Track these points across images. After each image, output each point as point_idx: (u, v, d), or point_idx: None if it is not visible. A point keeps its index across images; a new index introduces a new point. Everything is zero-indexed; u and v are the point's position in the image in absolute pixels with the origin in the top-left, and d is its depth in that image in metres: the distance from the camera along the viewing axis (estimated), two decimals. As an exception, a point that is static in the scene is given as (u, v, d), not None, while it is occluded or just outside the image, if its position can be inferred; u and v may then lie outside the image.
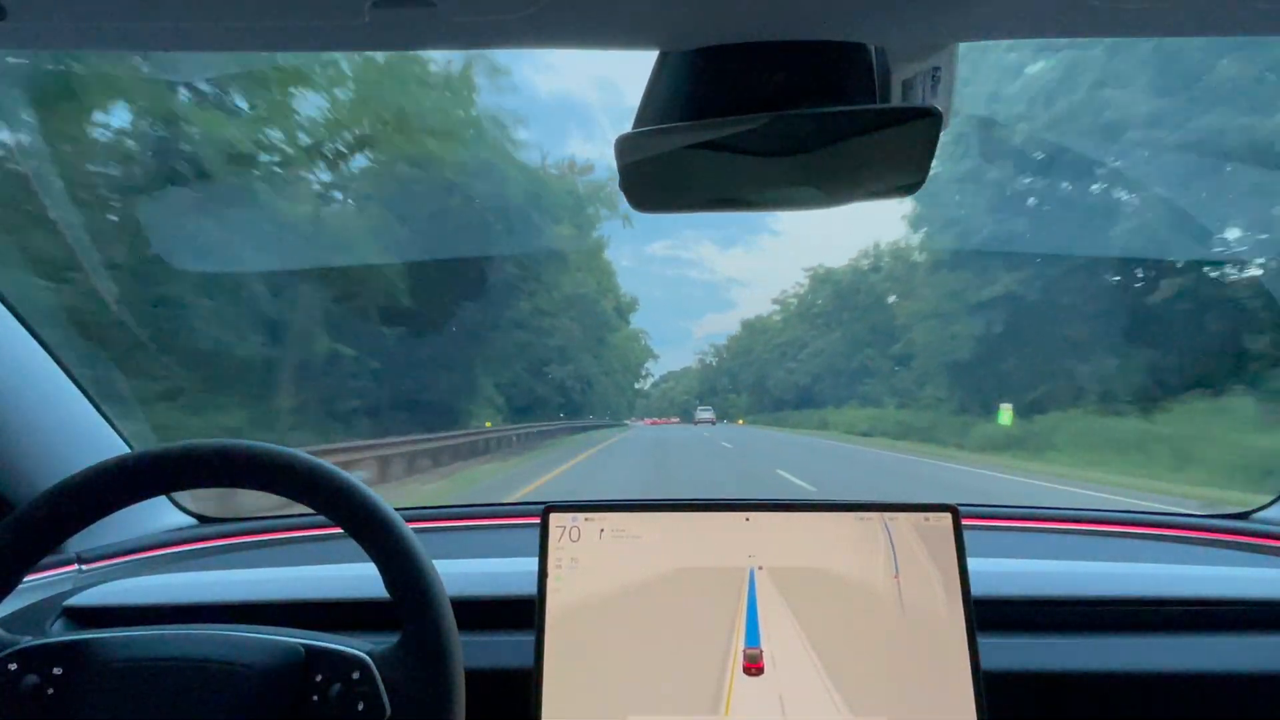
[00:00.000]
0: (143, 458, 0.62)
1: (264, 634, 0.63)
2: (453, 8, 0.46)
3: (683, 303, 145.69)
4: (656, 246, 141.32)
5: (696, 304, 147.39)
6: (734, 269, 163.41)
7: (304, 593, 0.88)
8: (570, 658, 0.71)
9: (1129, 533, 1.18)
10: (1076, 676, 0.81)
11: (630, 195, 0.58)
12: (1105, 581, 0.89)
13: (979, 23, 0.50)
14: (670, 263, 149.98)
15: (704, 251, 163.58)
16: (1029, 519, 1.21)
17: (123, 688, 0.59)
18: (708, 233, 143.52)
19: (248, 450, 0.63)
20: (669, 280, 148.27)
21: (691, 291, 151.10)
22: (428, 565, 0.62)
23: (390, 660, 0.61)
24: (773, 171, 0.56)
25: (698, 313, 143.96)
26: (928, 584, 0.73)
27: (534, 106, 63.79)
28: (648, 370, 56.59)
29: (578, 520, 0.76)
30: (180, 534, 1.16)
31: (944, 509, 0.75)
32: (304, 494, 0.63)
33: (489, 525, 1.22)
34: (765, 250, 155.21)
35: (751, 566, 0.74)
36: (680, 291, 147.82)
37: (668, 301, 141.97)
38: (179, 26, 0.49)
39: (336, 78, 8.69)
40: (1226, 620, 0.86)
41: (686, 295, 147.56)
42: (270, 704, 0.59)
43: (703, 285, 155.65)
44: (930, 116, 0.51)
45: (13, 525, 0.60)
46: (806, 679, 0.70)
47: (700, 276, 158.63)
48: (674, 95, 0.54)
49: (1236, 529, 1.15)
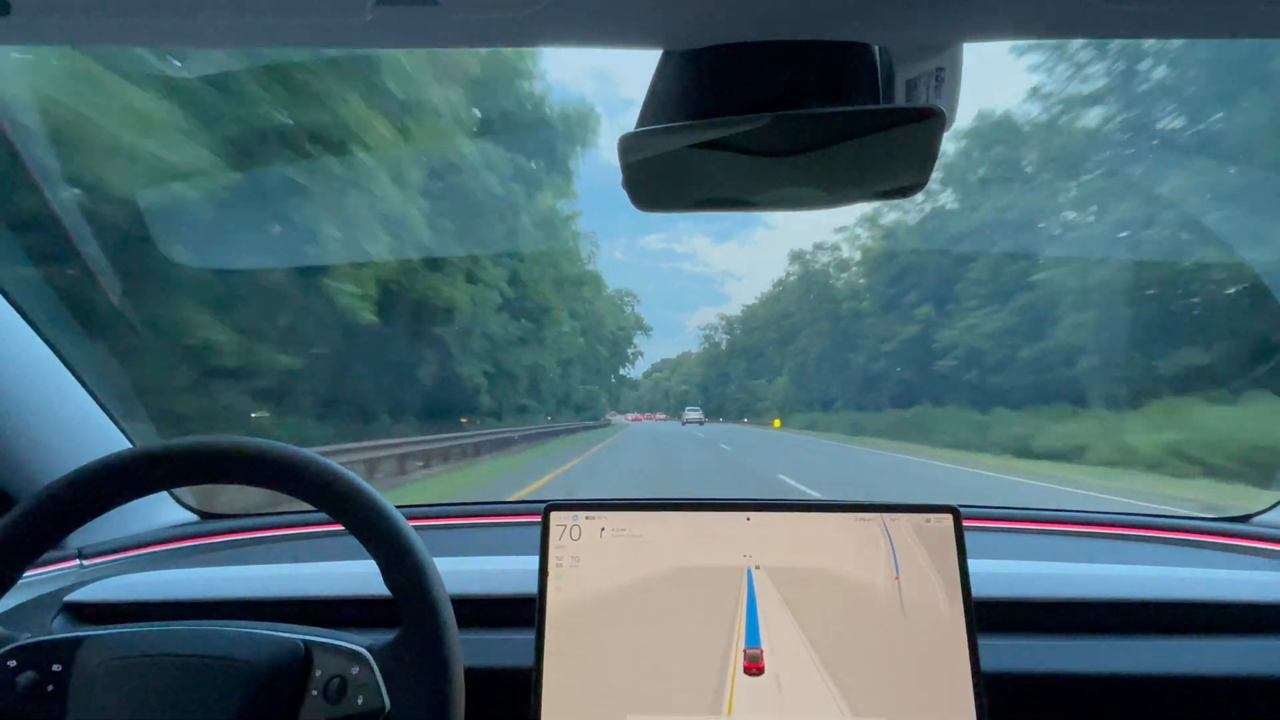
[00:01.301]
0: (144, 453, 0.62)
1: (263, 629, 0.63)
2: (456, 6, 0.46)
3: (677, 296, 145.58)
4: (650, 240, 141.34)
5: (690, 297, 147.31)
6: (728, 262, 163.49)
7: (305, 589, 0.88)
8: (570, 656, 0.71)
9: (1130, 535, 1.18)
10: (1077, 678, 0.81)
11: (633, 194, 0.58)
12: (1106, 584, 0.89)
13: (983, 23, 0.50)
14: (665, 256, 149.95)
15: (698, 245, 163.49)
16: (1030, 520, 1.21)
17: (121, 684, 0.59)
18: (702, 226, 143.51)
19: (248, 447, 0.63)
20: (663, 274, 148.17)
21: (685, 285, 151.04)
22: (427, 561, 0.62)
23: (389, 654, 0.61)
24: (776, 171, 0.56)
25: (691, 305, 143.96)
26: (928, 585, 0.72)
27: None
28: (636, 350, 44.27)
29: (578, 519, 0.76)
30: (182, 530, 1.17)
31: (945, 510, 0.75)
32: (304, 491, 0.63)
33: (489, 523, 1.23)
34: (760, 244, 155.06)
35: (750, 566, 0.74)
36: (674, 285, 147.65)
37: (661, 294, 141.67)
38: (182, 22, 0.49)
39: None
40: (1227, 623, 0.86)
41: (681, 289, 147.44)
42: (270, 699, 0.59)
43: (697, 278, 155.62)
44: (934, 117, 0.51)
45: (14, 520, 0.60)
46: (807, 680, 0.70)
47: (694, 269, 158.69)
48: (677, 94, 0.54)
49: (1237, 532, 1.15)
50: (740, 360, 46.63)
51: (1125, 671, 0.81)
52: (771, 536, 0.75)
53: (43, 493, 0.61)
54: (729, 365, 49.67)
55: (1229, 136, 11.25)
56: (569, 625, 0.72)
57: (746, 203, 0.60)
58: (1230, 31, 0.52)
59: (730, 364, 49.40)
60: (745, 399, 41.80)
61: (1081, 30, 0.52)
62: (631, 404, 59.29)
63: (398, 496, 6.30)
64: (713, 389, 50.66)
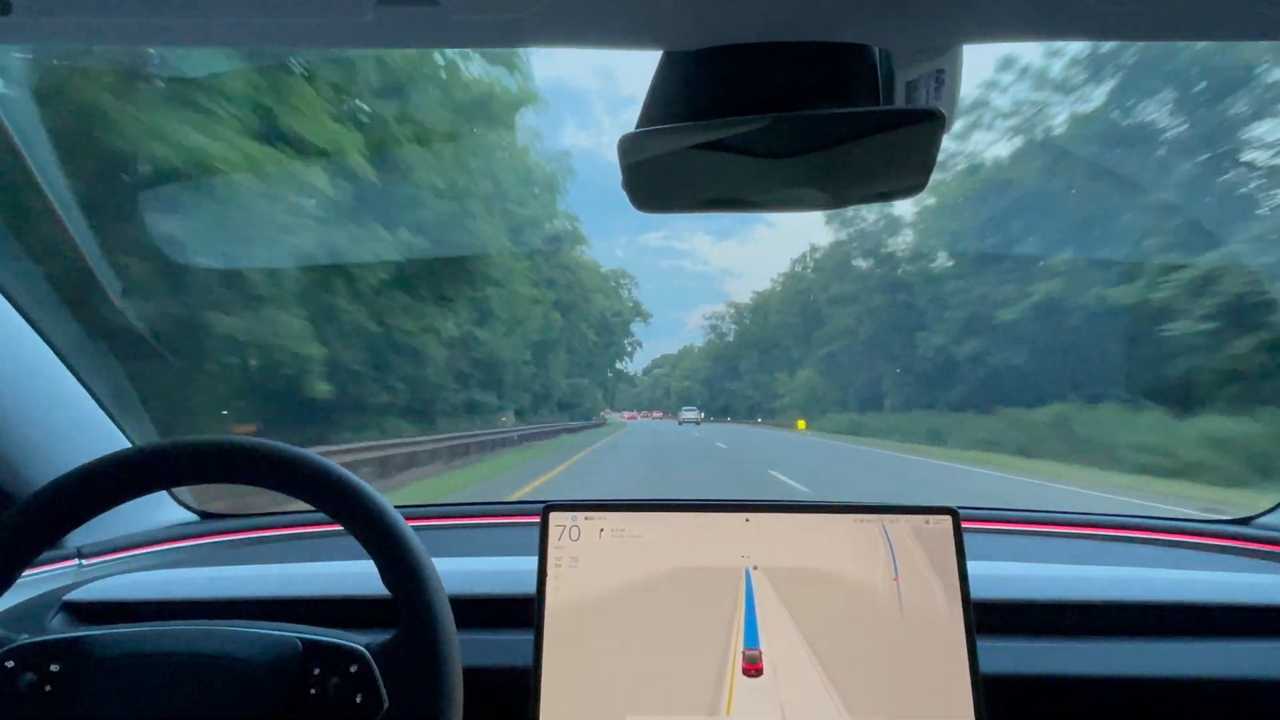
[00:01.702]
0: (144, 453, 0.62)
1: (261, 629, 0.63)
2: (457, 6, 0.46)
3: (677, 294, 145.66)
4: (651, 238, 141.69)
5: (690, 294, 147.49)
6: (728, 260, 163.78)
7: (304, 589, 0.88)
8: (569, 657, 0.71)
9: (1131, 537, 1.18)
10: (1076, 681, 0.81)
11: (633, 195, 0.58)
12: (1106, 585, 0.89)
13: (983, 25, 0.50)
14: (665, 254, 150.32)
15: (698, 243, 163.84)
16: (1029, 522, 1.21)
17: (120, 684, 0.59)
18: (702, 224, 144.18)
19: (248, 447, 0.63)
20: (663, 271, 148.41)
21: (685, 283, 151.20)
22: (425, 559, 0.62)
23: (388, 652, 0.61)
24: (776, 173, 0.56)
25: (691, 303, 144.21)
26: (927, 587, 0.72)
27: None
28: (635, 341, 38.69)
29: (577, 519, 0.76)
30: (181, 530, 1.17)
31: (944, 511, 0.75)
32: (303, 490, 0.63)
33: (488, 524, 1.23)
34: (760, 241, 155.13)
35: (749, 567, 0.74)
36: (674, 283, 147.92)
37: (661, 293, 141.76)
38: (183, 22, 0.49)
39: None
40: (1227, 625, 0.86)
41: (681, 287, 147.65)
42: (268, 698, 0.59)
43: (697, 276, 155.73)
44: (934, 118, 0.51)
45: (12, 519, 0.60)
46: (806, 681, 0.70)
47: (694, 268, 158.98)
48: (678, 95, 0.54)
49: (1238, 534, 1.15)
50: (752, 352, 40.32)
51: (1125, 674, 0.81)
52: (771, 537, 0.75)
53: (42, 491, 0.61)
54: (739, 358, 43.80)
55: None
56: (568, 626, 0.72)
57: (746, 204, 0.60)
58: (1229, 34, 0.52)
59: (740, 356, 43.62)
60: (758, 396, 36.16)
61: (1081, 32, 0.52)
62: (629, 401, 57.33)
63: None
64: (719, 385, 45.31)
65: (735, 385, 41.80)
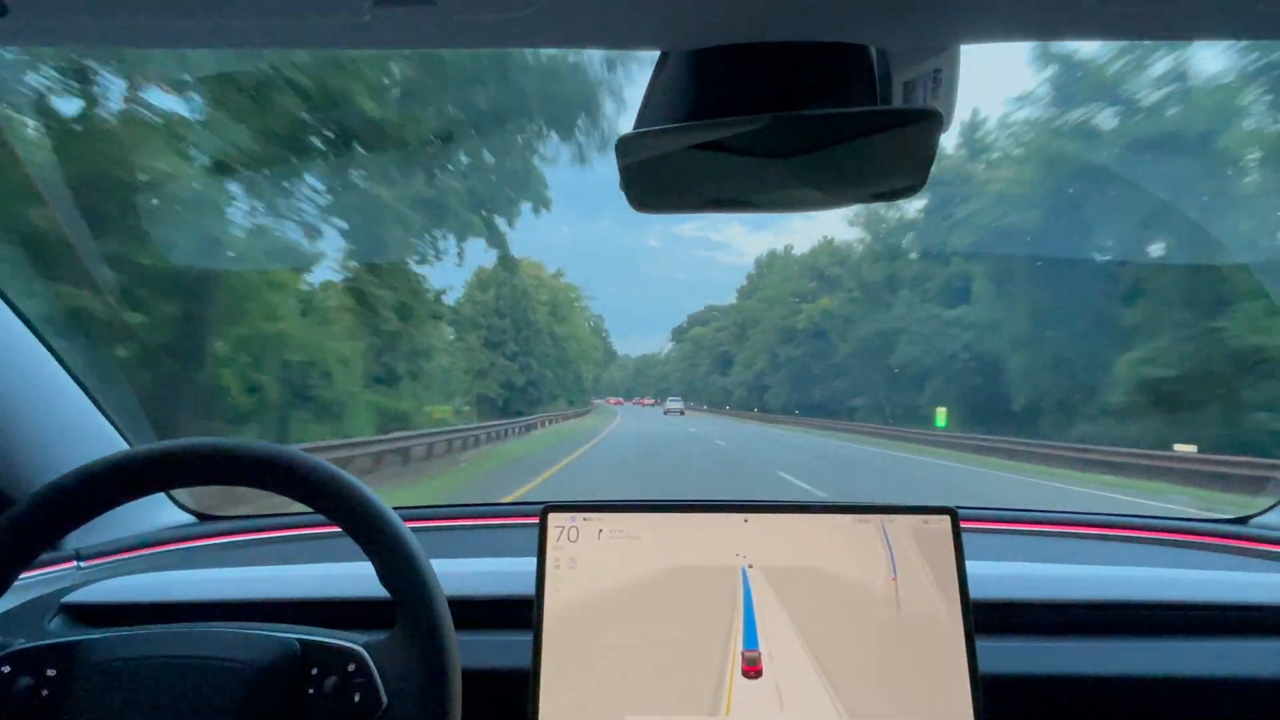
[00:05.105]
0: (141, 454, 0.62)
1: (259, 630, 0.63)
2: (454, 6, 0.46)
3: (706, 285, 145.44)
4: (686, 228, 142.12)
5: (719, 286, 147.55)
6: (763, 252, 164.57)
7: (302, 591, 0.88)
8: (568, 658, 0.71)
9: (1129, 537, 1.18)
10: (1075, 680, 0.81)
11: (631, 195, 0.58)
12: (1104, 585, 0.89)
13: (980, 25, 0.50)
14: (699, 244, 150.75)
15: (732, 234, 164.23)
16: (1028, 522, 1.21)
17: (117, 687, 0.59)
18: (736, 215, 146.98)
19: (246, 448, 0.63)
20: (697, 262, 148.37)
21: (717, 274, 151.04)
22: (422, 559, 0.62)
23: (385, 651, 0.61)
24: (774, 173, 0.56)
25: (724, 295, 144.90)
26: (926, 587, 0.72)
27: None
28: (597, 372, 44.11)
29: (576, 520, 0.76)
30: (179, 531, 1.16)
31: (943, 511, 0.75)
32: (301, 492, 0.63)
33: (487, 525, 1.22)
34: (797, 233, 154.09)
35: (747, 568, 0.74)
36: (706, 274, 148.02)
37: (690, 283, 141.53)
38: (180, 23, 0.49)
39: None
40: (1225, 625, 0.86)
41: (711, 278, 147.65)
42: (267, 699, 0.59)
43: (729, 269, 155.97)
44: (932, 118, 0.51)
45: (10, 521, 0.60)
46: (805, 681, 0.70)
47: (728, 260, 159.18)
48: (675, 96, 0.54)
49: (1235, 534, 1.15)
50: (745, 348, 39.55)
51: (1123, 673, 0.81)
52: (769, 538, 0.75)
53: (40, 493, 0.61)
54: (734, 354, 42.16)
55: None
56: (567, 626, 0.72)
57: (745, 204, 0.60)
58: (1227, 33, 0.52)
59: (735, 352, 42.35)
60: (758, 397, 35.49)
61: (1078, 32, 0.52)
62: (622, 389, 57.87)
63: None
64: (714, 377, 45.11)
65: (740, 392, 43.07)
